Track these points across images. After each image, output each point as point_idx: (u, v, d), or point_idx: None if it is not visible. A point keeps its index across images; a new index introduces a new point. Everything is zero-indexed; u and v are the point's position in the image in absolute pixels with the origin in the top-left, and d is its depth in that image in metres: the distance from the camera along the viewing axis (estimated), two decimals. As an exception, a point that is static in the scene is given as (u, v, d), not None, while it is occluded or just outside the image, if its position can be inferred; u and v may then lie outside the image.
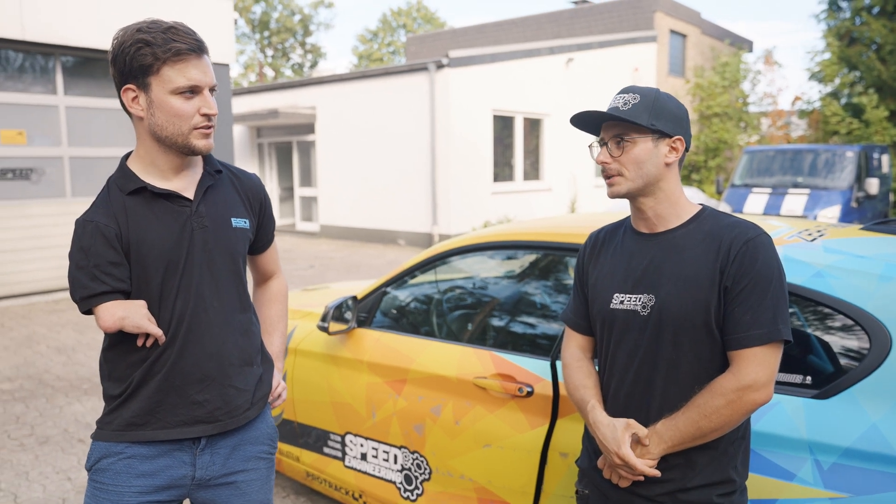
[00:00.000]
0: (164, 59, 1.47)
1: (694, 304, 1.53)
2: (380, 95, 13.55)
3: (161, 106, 1.50)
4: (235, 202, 1.70)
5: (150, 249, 1.54)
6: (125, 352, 1.58)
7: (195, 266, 1.59)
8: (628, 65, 17.02)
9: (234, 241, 1.66)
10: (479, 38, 23.06)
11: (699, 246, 1.56)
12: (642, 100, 1.57)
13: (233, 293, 1.66)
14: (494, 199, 13.46)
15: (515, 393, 2.25)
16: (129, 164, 1.60)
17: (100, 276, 1.51)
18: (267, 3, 37.63)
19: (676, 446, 1.53)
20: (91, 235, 1.52)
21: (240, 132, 16.90)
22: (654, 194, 1.61)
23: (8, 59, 7.89)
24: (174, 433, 1.59)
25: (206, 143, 1.56)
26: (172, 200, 1.58)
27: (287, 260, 11.66)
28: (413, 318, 2.93)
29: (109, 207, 1.55)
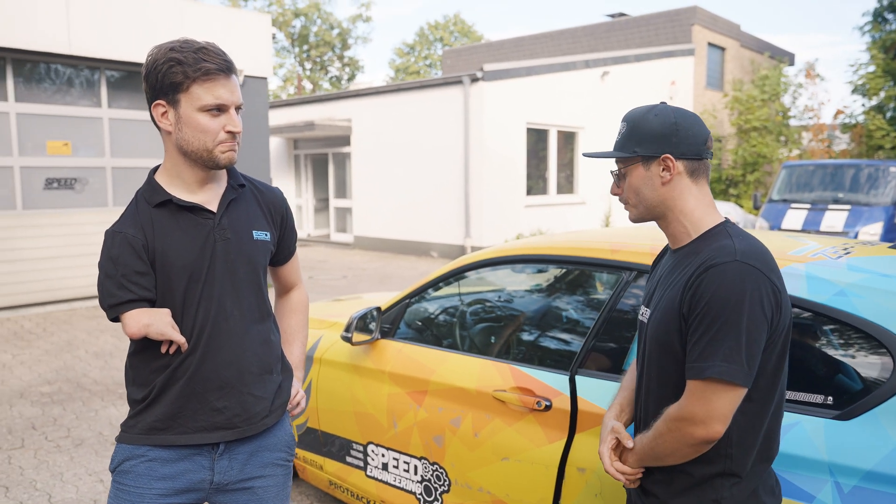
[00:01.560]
0: (194, 77, 1.54)
1: (664, 324, 1.52)
2: (414, 108, 13.68)
3: (188, 122, 1.57)
4: (257, 215, 1.76)
5: (174, 260, 1.60)
6: (149, 358, 1.63)
7: (217, 276, 1.64)
8: (665, 78, 16.89)
9: (255, 252, 1.71)
10: (516, 51, 23.13)
11: (686, 267, 1.53)
12: (628, 127, 1.58)
13: (253, 303, 1.71)
14: (527, 213, 13.44)
15: (533, 406, 2.25)
16: (156, 178, 1.67)
17: (127, 284, 1.57)
18: (306, 17, 38.29)
19: (643, 461, 1.57)
20: (119, 246, 1.58)
21: (277, 144, 17.20)
22: (665, 215, 1.59)
23: (56, 73, 8.19)
24: (194, 438, 1.64)
25: (230, 157, 1.63)
26: (196, 213, 1.64)
27: (320, 270, 11.80)
28: (435, 330, 2.95)
29: (137, 219, 1.62)
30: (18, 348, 6.35)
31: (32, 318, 7.65)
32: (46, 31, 7.66)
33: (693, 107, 18.44)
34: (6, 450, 4.05)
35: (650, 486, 1.59)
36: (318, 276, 11.03)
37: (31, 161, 7.98)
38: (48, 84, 8.16)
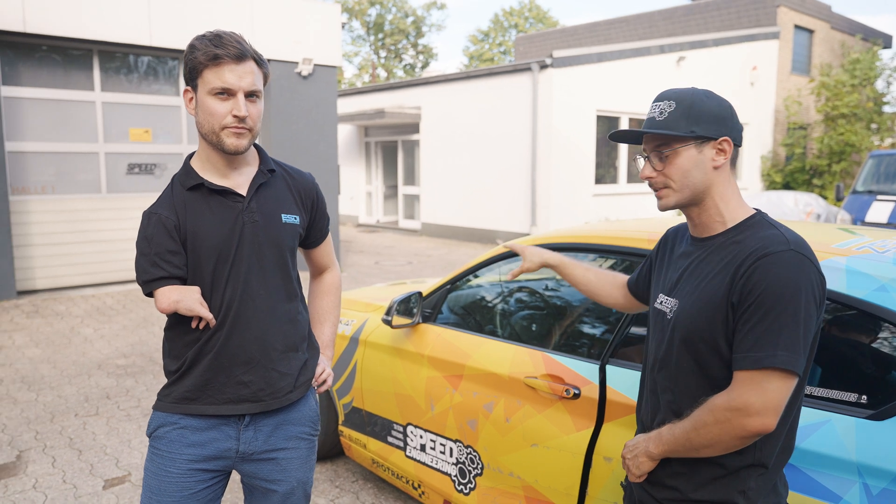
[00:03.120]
0: (206, 63, 1.62)
1: (704, 316, 1.48)
2: (483, 95, 13.65)
3: (202, 105, 1.66)
4: (287, 199, 1.82)
5: (203, 240, 1.69)
6: (182, 333, 1.73)
7: (244, 257, 1.71)
8: (746, 63, 16.21)
9: (284, 235, 1.78)
10: (590, 37, 22.68)
11: (726, 256, 1.50)
12: (678, 106, 1.50)
13: (279, 283, 1.78)
14: (596, 201, 13.23)
15: (562, 394, 2.25)
16: (191, 163, 1.77)
17: (159, 262, 1.67)
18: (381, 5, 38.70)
19: (671, 452, 1.51)
20: (154, 226, 1.68)
21: (348, 131, 17.52)
22: (702, 202, 1.54)
23: (138, 63, 8.62)
24: (222, 409, 1.73)
25: (236, 143, 1.67)
26: (227, 196, 1.73)
27: (387, 256, 12.00)
28: (474, 316, 2.98)
29: (171, 201, 1.72)
30: (100, 323, 6.77)
31: (114, 296, 8.13)
32: (129, 24, 8.06)
33: (776, 93, 17.64)
34: (82, 416, 4.34)
35: (666, 478, 1.55)
36: (383, 262, 11.22)
37: (115, 147, 8.44)
38: (131, 74, 8.59)
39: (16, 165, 7.79)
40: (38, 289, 8.01)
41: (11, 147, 7.71)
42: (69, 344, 5.98)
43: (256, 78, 1.67)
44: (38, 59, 7.92)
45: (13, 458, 3.74)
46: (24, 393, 4.73)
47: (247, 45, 1.67)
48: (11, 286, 7.62)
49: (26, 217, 7.88)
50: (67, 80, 8.09)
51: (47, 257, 8.04)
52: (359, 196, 17.65)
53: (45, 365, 5.37)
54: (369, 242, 14.06)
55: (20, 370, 5.22)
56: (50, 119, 8.00)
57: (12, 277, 7.61)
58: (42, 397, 4.66)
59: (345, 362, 3.33)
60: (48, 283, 8.07)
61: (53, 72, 8.01)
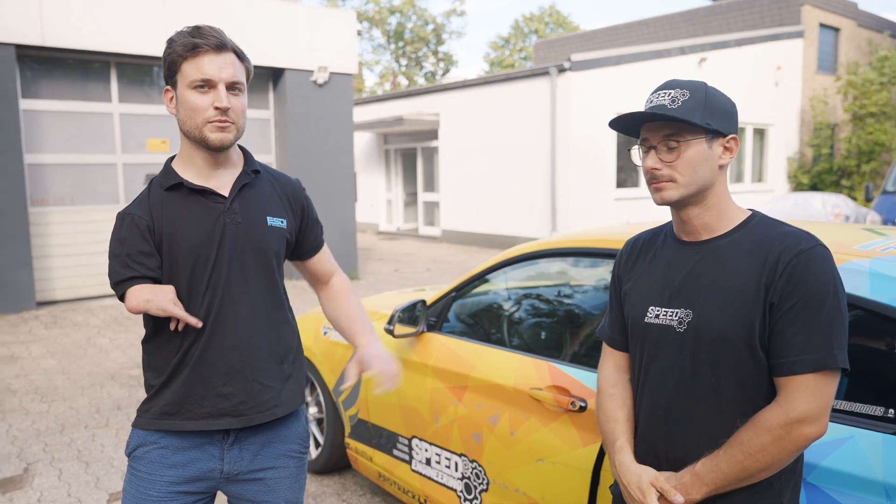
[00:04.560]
0: (184, 55, 1.55)
1: (734, 321, 1.37)
2: (501, 101, 13.56)
3: (182, 101, 1.58)
4: (273, 202, 1.73)
5: (181, 242, 1.60)
6: (161, 343, 1.64)
7: (225, 260, 1.62)
8: (769, 63, 15.91)
9: (268, 238, 1.69)
10: (610, 40, 22.48)
11: (744, 257, 1.40)
12: (693, 96, 1.40)
13: (263, 289, 1.68)
14: (617, 206, 13.03)
15: (568, 407, 2.14)
16: (172, 164, 1.68)
17: (130, 263, 1.59)
18: (402, 14, 38.82)
19: (721, 489, 1.37)
20: (127, 227, 1.61)
21: (367, 139, 17.53)
22: (704, 200, 1.46)
23: (154, 74, 8.66)
24: (201, 424, 1.63)
25: (220, 137, 1.58)
26: (207, 196, 1.64)
27: (406, 263, 11.93)
28: (479, 325, 2.88)
29: (146, 202, 1.63)
30: (116, 333, 6.77)
31: (133, 306, 8.14)
32: (145, 36, 8.11)
33: (802, 92, 17.28)
34: (92, 428, 4.31)
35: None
36: (402, 269, 11.15)
37: (133, 158, 8.48)
38: (147, 85, 8.64)
39: (35, 177, 7.86)
40: (58, 299, 8.06)
41: (31, 159, 7.79)
42: (84, 355, 5.98)
43: (238, 70, 1.60)
44: (57, 72, 8.00)
45: (21, 470, 3.71)
46: (37, 404, 4.72)
47: (226, 37, 1.60)
48: (31, 297, 7.67)
49: (46, 228, 7.94)
50: (85, 92, 8.15)
51: (66, 268, 8.09)
52: (379, 203, 17.63)
53: (59, 376, 5.36)
54: (389, 250, 14.01)
55: (34, 381, 5.22)
56: (68, 131, 8.07)
57: (32, 288, 7.67)
58: (54, 409, 4.64)
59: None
60: (67, 294, 8.12)
61: (71, 84, 8.08)
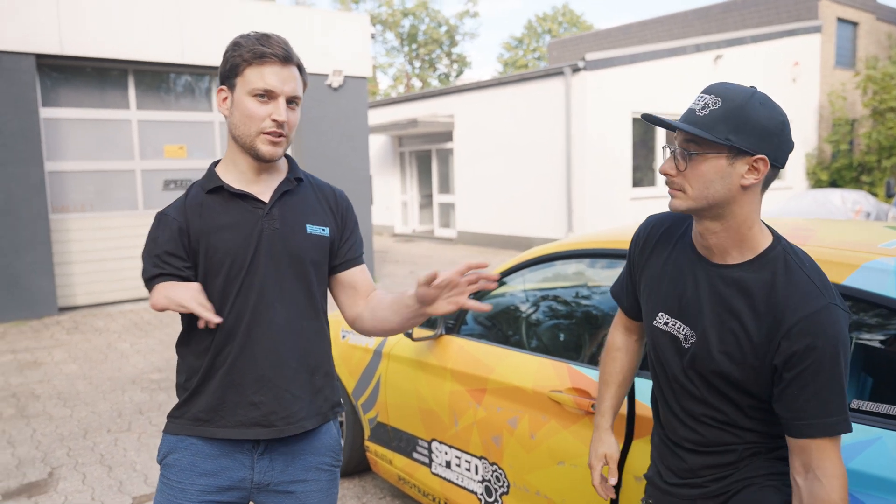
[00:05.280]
0: (250, 60, 1.56)
1: (733, 362, 1.36)
2: (516, 101, 13.54)
3: (238, 105, 1.58)
4: (315, 209, 1.71)
5: (217, 244, 1.60)
6: (193, 343, 1.64)
7: (260, 266, 1.61)
8: (787, 59, 15.76)
9: (306, 246, 1.66)
10: (624, 38, 22.38)
11: (754, 298, 1.35)
12: (724, 105, 1.29)
13: (300, 297, 1.66)
14: (633, 205, 12.97)
15: (589, 409, 2.13)
16: (216, 168, 1.69)
17: (159, 263, 1.60)
18: (415, 16, 38.88)
19: None
20: (161, 227, 1.63)
21: (382, 142, 17.57)
22: (722, 219, 1.36)
23: (172, 81, 8.75)
24: (233, 433, 1.61)
25: (271, 150, 1.58)
26: (247, 201, 1.63)
27: (423, 265, 11.94)
28: (498, 327, 2.87)
29: (183, 204, 1.65)
30: (136, 338, 6.84)
31: (151, 310, 8.22)
32: (162, 43, 8.19)
33: (820, 88, 17.09)
34: (114, 432, 4.35)
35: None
36: (419, 272, 11.16)
37: (151, 164, 8.57)
38: (164, 92, 8.73)
39: (56, 184, 7.97)
40: (79, 305, 8.16)
41: (51, 167, 7.89)
42: (105, 359, 6.05)
43: (298, 85, 1.61)
44: (75, 80, 8.10)
45: (45, 474, 3.75)
46: (60, 409, 4.78)
47: (292, 50, 1.61)
48: (53, 303, 7.77)
49: (66, 235, 8.04)
50: (104, 100, 8.25)
51: (87, 274, 8.19)
52: (394, 206, 17.67)
53: (81, 381, 5.43)
54: (405, 252, 14.04)
55: (57, 386, 5.29)
56: (87, 138, 8.17)
57: (53, 294, 7.77)
58: (77, 413, 4.69)
59: (369, 376, 3.25)
60: (88, 300, 8.21)
61: (90, 92, 8.18)
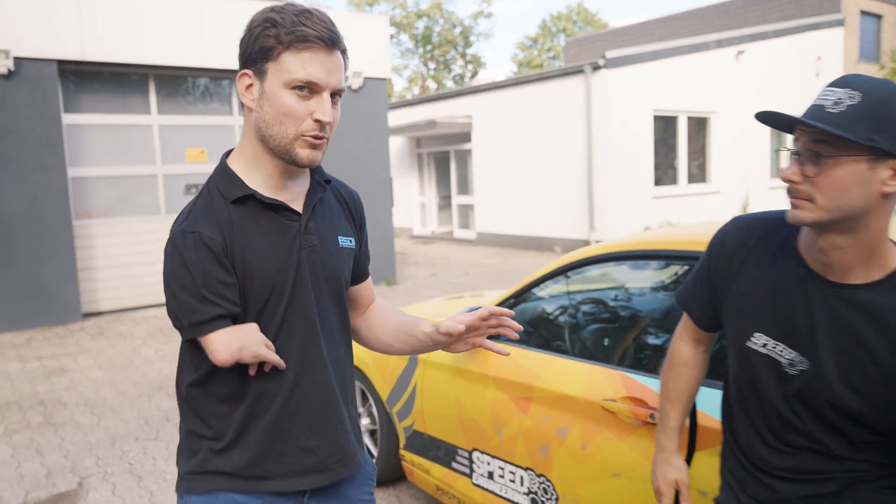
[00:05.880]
0: (288, 42, 1.25)
1: (858, 396, 1.19)
2: (535, 101, 13.42)
3: (271, 98, 1.28)
4: (341, 218, 1.51)
5: (256, 267, 1.33)
6: (214, 388, 1.37)
7: (303, 291, 1.37)
8: (810, 54, 15.50)
9: (342, 262, 1.46)
10: (642, 36, 22.18)
11: (886, 325, 1.18)
12: (863, 101, 1.11)
13: (338, 322, 1.47)
14: (655, 204, 12.80)
15: (647, 419, 2.02)
16: (231, 165, 1.38)
17: (211, 297, 1.28)
18: (429, 17, 38.86)
19: None
20: (194, 249, 1.28)
21: (400, 143, 17.52)
22: (853, 232, 1.17)
23: (192, 85, 8.73)
24: (282, 485, 1.39)
25: (311, 155, 1.31)
26: (280, 212, 1.37)
27: (443, 267, 11.85)
28: (542, 332, 2.76)
29: (212, 216, 1.32)
30: (161, 343, 6.81)
31: (176, 316, 8.21)
32: (182, 47, 8.17)
33: (843, 83, 16.79)
34: (143, 440, 4.30)
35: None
36: (440, 274, 11.07)
37: (172, 169, 8.55)
38: (185, 96, 8.71)
39: (78, 190, 7.97)
40: (103, 310, 8.15)
41: (74, 173, 7.89)
42: (130, 365, 6.02)
43: (343, 75, 1.33)
44: (97, 85, 8.10)
45: (74, 485, 3.70)
46: (87, 417, 4.73)
47: (339, 32, 1.31)
48: (77, 309, 7.77)
49: (90, 241, 8.04)
50: (125, 105, 8.24)
51: (110, 279, 8.18)
52: (412, 208, 17.60)
53: (107, 388, 5.39)
54: (424, 254, 13.96)
55: (83, 393, 5.25)
56: (109, 144, 8.16)
57: (77, 300, 7.76)
58: (104, 421, 4.65)
59: (404, 383, 3.16)
60: (112, 305, 8.20)
61: (111, 97, 8.18)
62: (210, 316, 1.28)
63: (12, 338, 7.15)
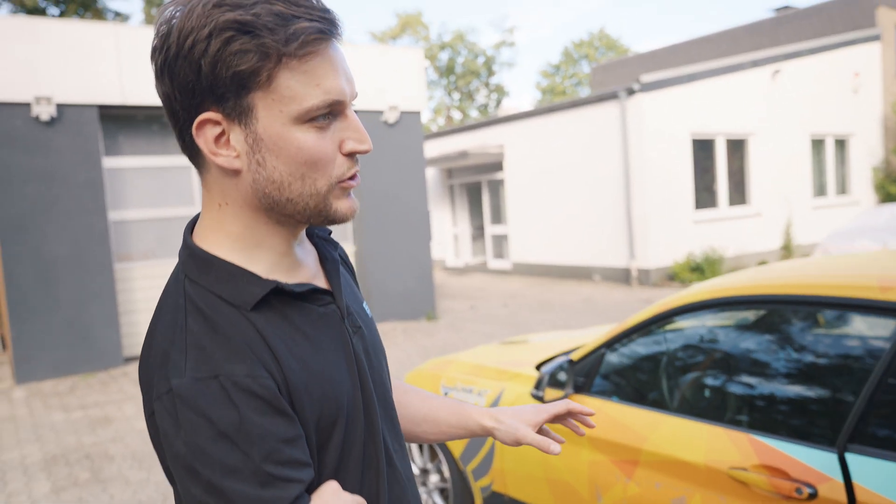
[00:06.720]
0: (285, 53, 0.81)
1: None
2: (567, 128, 13.25)
3: (278, 145, 0.84)
4: (348, 278, 1.11)
5: (322, 397, 0.89)
6: None
7: (371, 401, 0.98)
8: (847, 70, 15.15)
9: (379, 338, 1.09)
10: (670, 59, 21.98)
11: None
12: None
13: (396, 415, 1.09)
14: (696, 228, 12.46)
15: (791, 494, 1.76)
16: (216, 254, 0.90)
17: (279, 472, 0.81)
18: (452, 49, 39.17)
19: None
20: (232, 404, 0.79)
21: (431, 175, 17.43)
22: None
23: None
24: None
25: (351, 205, 0.93)
26: (312, 301, 0.95)
27: (480, 299, 11.62)
28: (641, 386, 2.52)
29: (232, 341, 0.84)
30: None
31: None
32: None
33: (883, 98, 16.39)
34: (195, 498, 4.10)
35: None
36: (479, 306, 10.83)
37: (211, 209, 8.48)
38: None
39: (119, 233, 7.93)
40: (144, 355, 8.04)
41: (114, 216, 7.86)
42: (176, 413, 5.85)
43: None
44: (136, 128, 8.10)
45: (128, 549, 3.51)
46: (136, 472, 4.56)
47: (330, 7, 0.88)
48: (118, 353, 7.67)
49: (130, 284, 7.97)
50: (164, 147, 8.22)
51: (151, 323, 8.09)
52: (445, 239, 17.44)
53: (154, 438, 5.22)
54: (460, 286, 13.74)
55: (130, 444, 5.09)
56: (148, 186, 8.14)
57: (119, 345, 7.67)
58: (153, 476, 4.46)
59: (480, 439, 2.93)
60: (153, 349, 8.09)
61: (150, 140, 8.17)
62: (292, 496, 0.81)
63: (55, 385, 7.05)
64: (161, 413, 0.81)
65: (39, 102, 7.12)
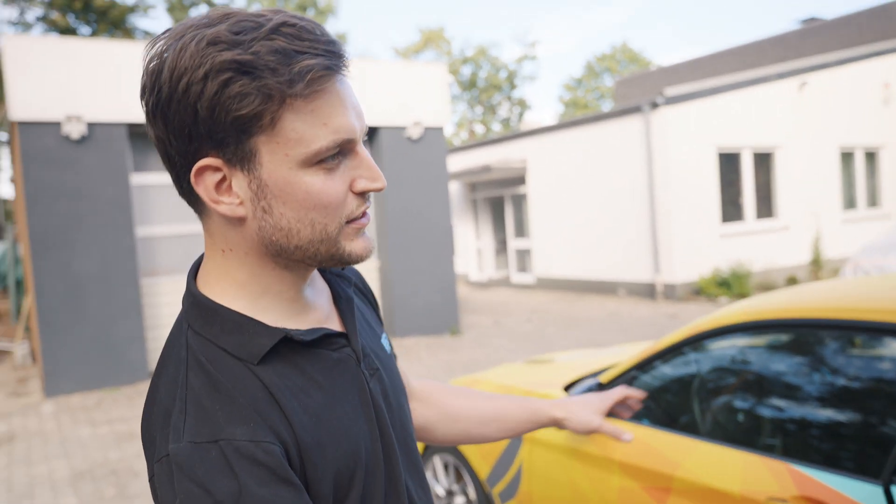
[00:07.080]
0: (288, 94, 0.75)
1: None
2: (591, 142, 13.20)
3: (284, 190, 0.79)
4: (366, 310, 1.06)
5: (331, 454, 0.83)
6: None
7: (392, 450, 0.92)
8: (876, 81, 14.90)
9: (398, 374, 1.04)
10: (693, 72, 21.83)
11: None
12: None
13: (421, 465, 1.02)
14: (723, 242, 12.30)
15: (834, 527, 1.70)
16: (220, 302, 0.85)
17: None
18: (475, 63, 39.34)
19: None
20: (232, 473, 0.73)
21: (455, 189, 17.45)
22: None
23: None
24: None
25: (366, 245, 0.87)
26: (326, 346, 0.89)
27: (504, 314, 11.56)
28: (673, 410, 2.46)
29: (241, 402, 0.78)
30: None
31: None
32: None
33: (913, 110, 16.10)
34: None
35: None
36: (503, 321, 10.77)
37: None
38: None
39: (145, 249, 8.02)
40: (169, 369, 8.10)
41: (141, 232, 7.96)
42: (201, 429, 5.87)
43: None
44: (164, 145, 8.21)
45: (153, 568, 3.50)
46: (161, 488, 4.56)
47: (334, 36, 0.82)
48: (144, 368, 7.73)
49: (157, 299, 8.05)
50: (190, 164, 8.32)
51: (177, 338, 8.15)
52: (468, 253, 17.42)
53: (179, 454, 5.23)
54: (483, 300, 13.69)
55: (156, 461, 5.10)
56: (175, 202, 8.20)
57: (145, 359, 7.74)
58: (178, 493, 4.46)
59: (507, 462, 2.88)
60: (178, 364, 8.15)
61: (177, 157, 8.27)
62: None
63: (83, 399, 7.12)
64: (160, 477, 0.76)
65: (70, 121, 7.26)
